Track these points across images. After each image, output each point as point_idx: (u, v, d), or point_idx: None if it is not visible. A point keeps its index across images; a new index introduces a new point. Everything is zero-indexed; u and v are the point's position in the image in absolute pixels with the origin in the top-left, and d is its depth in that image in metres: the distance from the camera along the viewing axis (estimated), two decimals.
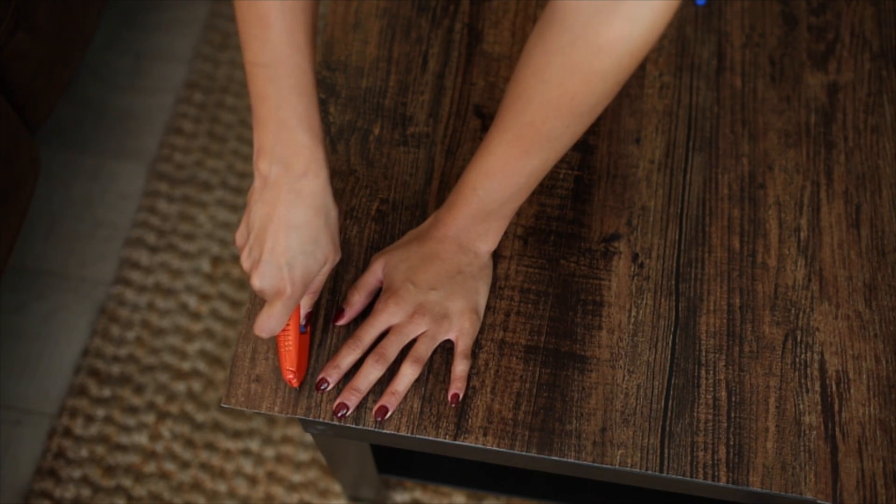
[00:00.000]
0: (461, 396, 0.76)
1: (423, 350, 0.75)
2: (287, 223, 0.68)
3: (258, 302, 0.80)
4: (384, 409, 0.74)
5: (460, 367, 0.76)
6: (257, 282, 0.68)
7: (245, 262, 0.70)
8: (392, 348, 0.75)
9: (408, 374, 0.75)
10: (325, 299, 0.80)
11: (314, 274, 0.71)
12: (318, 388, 0.75)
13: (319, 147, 0.68)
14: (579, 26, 0.62)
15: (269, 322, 0.70)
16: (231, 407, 0.77)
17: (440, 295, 0.76)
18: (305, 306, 0.76)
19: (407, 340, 0.75)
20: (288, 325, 0.74)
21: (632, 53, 0.62)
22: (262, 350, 0.78)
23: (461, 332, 0.76)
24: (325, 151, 0.68)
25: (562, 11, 0.63)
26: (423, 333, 0.76)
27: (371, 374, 0.74)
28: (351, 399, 0.74)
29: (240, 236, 0.72)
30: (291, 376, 0.75)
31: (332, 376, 0.75)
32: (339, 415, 0.74)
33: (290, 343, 0.75)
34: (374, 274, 0.78)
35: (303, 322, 0.76)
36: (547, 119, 0.67)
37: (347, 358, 0.75)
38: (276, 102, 0.66)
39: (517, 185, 0.73)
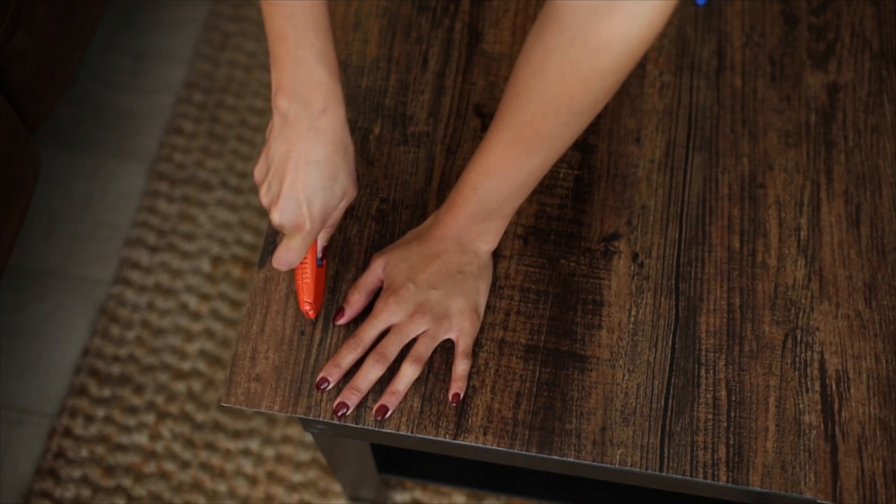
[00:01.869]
0: (462, 396, 0.76)
1: (424, 349, 0.75)
2: (307, 159, 0.68)
3: (258, 301, 0.80)
4: (384, 409, 0.74)
5: (461, 367, 0.76)
6: (277, 216, 0.69)
7: (264, 198, 0.71)
8: (392, 347, 0.75)
9: (408, 373, 0.75)
10: (325, 299, 0.80)
11: (332, 209, 0.71)
12: (318, 388, 0.75)
13: (337, 84, 0.68)
14: (578, 25, 0.62)
15: (288, 255, 0.71)
16: (231, 406, 0.77)
17: (440, 294, 0.76)
18: (322, 240, 0.77)
19: (407, 340, 0.75)
20: (305, 258, 0.75)
21: (630, 52, 0.62)
22: (262, 349, 0.78)
23: (461, 331, 0.76)
24: (342, 88, 0.69)
25: (560, 10, 0.63)
26: (423, 333, 0.76)
27: (371, 373, 0.74)
28: (351, 398, 0.74)
29: (258, 172, 0.72)
30: (308, 307, 0.77)
31: (333, 375, 0.75)
32: (340, 414, 0.74)
33: (308, 276, 0.76)
34: (375, 273, 0.78)
35: (319, 255, 0.77)
36: (546, 118, 0.67)
37: (348, 357, 0.75)
38: (293, 40, 0.67)
39: (516, 184, 0.73)
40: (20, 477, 1.30)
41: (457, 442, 0.75)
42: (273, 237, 0.82)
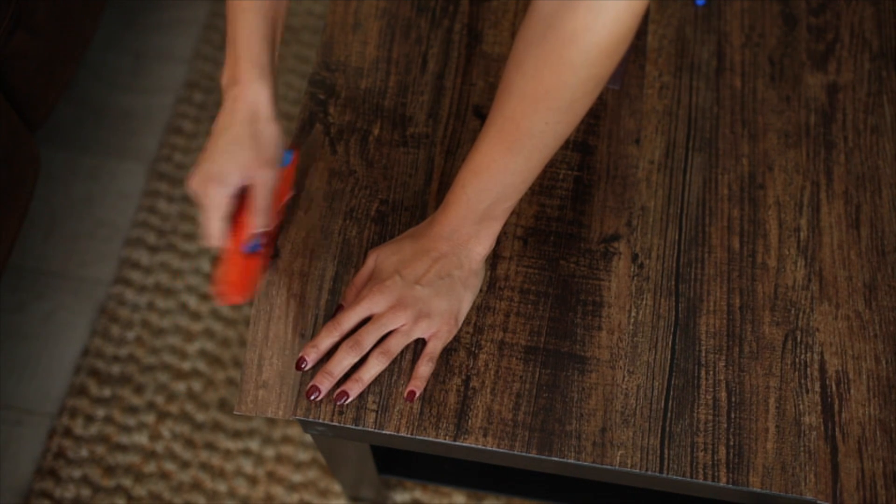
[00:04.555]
0: (418, 395, 0.76)
1: (394, 345, 0.75)
2: (214, 129, 0.73)
3: (262, 307, 0.80)
4: (344, 394, 0.75)
5: (424, 368, 0.76)
6: (188, 184, 0.73)
7: None
8: (369, 338, 0.75)
9: (374, 365, 0.75)
10: (324, 300, 0.80)
11: (230, 180, 0.71)
12: (297, 367, 0.76)
13: (248, 60, 0.72)
14: (550, 16, 0.63)
15: (202, 230, 0.73)
16: (243, 414, 0.77)
17: (425, 292, 0.75)
18: (254, 226, 0.74)
19: (384, 331, 0.75)
20: (229, 239, 0.74)
21: (598, 45, 0.62)
22: (267, 356, 0.78)
23: (436, 335, 0.76)
24: (256, 66, 0.72)
25: (538, 4, 0.64)
26: (398, 328, 0.76)
27: (344, 360, 0.75)
28: (324, 383, 0.75)
29: None
30: (218, 292, 0.75)
31: (311, 356, 0.76)
32: (312, 398, 0.75)
33: (227, 259, 0.75)
34: (369, 268, 0.79)
35: (251, 242, 0.75)
36: (525, 113, 0.67)
37: (326, 341, 0.76)
38: (230, 19, 0.73)
39: (502, 183, 0.72)
40: (20, 477, 1.30)
41: (457, 443, 0.75)
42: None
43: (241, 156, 0.72)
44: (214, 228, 0.72)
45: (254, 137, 0.72)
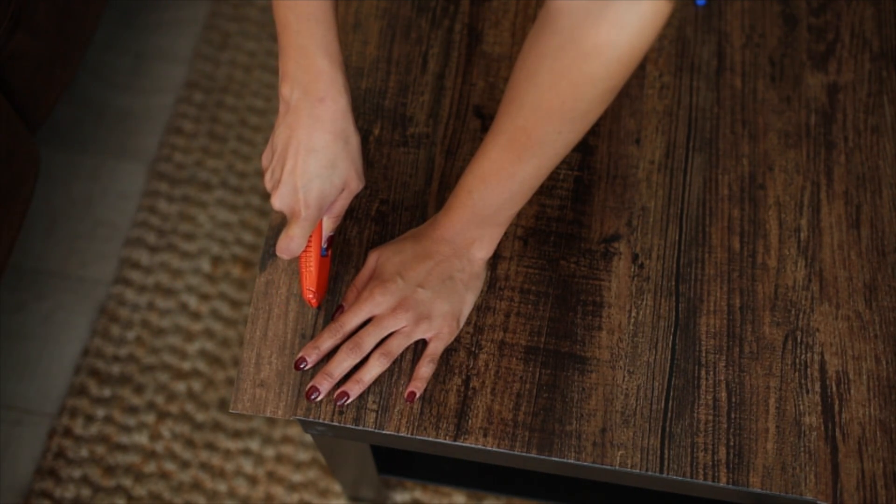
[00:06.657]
0: (418, 395, 0.76)
1: (395, 346, 0.76)
2: (306, 146, 0.71)
3: (260, 306, 0.80)
4: (344, 395, 0.75)
5: (425, 369, 0.76)
6: (276, 202, 0.72)
7: (268, 183, 0.74)
8: (369, 340, 0.75)
9: (375, 366, 0.75)
10: (325, 300, 0.80)
11: (330, 198, 0.73)
12: (296, 367, 0.76)
13: (338, 73, 0.71)
14: (569, 29, 0.61)
15: (288, 243, 0.72)
16: (239, 413, 0.77)
17: (427, 295, 0.76)
18: (328, 230, 0.77)
19: (385, 333, 0.76)
20: (309, 246, 0.76)
21: (620, 59, 0.62)
22: (265, 354, 0.78)
23: (438, 335, 0.76)
24: (344, 78, 0.71)
25: (553, 14, 0.62)
26: (399, 329, 0.76)
27: (345, 361, 0.75)
28: (323, 384, 0.75)
29: (265, 157, 0.75)
30: (311, 296, 0.77)
31: (311, 357, 0.76)
32: (312, 398, 0.75)
33: (311, 265, 0.77)
34: (370, 268, 0.79)
35: (324, 245, 0.78)
36: (538, 124, 0.67)
37: (328, 342, 0.76)
38: (295, 29, 0.69)
39: (510, 190, 0.72)
40: (20, 477, 1.30)
41: (457, 444, 0.75)
42: (273, 239, 0.82)
43: (337, 178, 0.73)
44: (301, 244, 0.73)
45: (348, 157, 0.73)
